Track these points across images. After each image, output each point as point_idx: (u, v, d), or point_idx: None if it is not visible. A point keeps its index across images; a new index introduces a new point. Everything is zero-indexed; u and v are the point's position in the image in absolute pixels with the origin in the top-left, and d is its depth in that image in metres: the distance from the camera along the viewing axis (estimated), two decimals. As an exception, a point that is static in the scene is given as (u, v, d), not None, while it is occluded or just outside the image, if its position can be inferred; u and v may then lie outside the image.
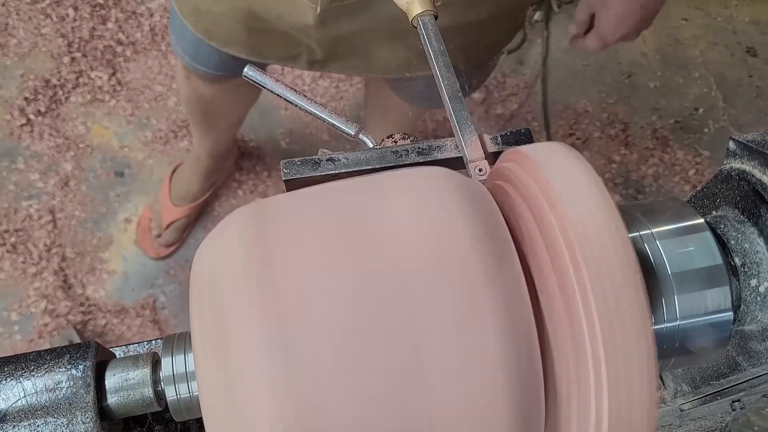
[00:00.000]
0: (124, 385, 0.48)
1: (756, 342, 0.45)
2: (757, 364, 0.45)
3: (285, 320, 0.38)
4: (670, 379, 0.54)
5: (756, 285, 0.43)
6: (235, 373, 0.38)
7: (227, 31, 1.11)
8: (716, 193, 0.47)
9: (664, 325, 0.42)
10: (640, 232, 0.44)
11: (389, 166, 0.52)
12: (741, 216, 0.45)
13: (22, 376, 0.48)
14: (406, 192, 0.42)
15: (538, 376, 0.40)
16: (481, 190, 0.45)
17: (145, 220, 1.96)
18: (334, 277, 0.39)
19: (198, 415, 0.44)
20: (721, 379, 0.48)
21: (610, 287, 0.38)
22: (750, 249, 0.44)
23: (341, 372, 0.38)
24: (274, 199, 0.45)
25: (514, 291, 0.39)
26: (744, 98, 2.31)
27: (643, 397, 0.38)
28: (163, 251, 1.95)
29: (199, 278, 0.43)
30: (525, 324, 0.39)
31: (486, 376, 0.38)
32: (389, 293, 0.38)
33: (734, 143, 0.45)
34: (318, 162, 0.53)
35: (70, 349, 0.49)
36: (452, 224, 0.40)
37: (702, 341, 0.43)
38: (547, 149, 0.44)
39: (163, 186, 1.96)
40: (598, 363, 0.38)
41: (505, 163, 0.46)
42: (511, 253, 0.41)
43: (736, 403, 0.52)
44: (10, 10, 2.17)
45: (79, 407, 0.47)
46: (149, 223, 1.95)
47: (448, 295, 0.38)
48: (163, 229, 1.93)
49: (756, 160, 0.43)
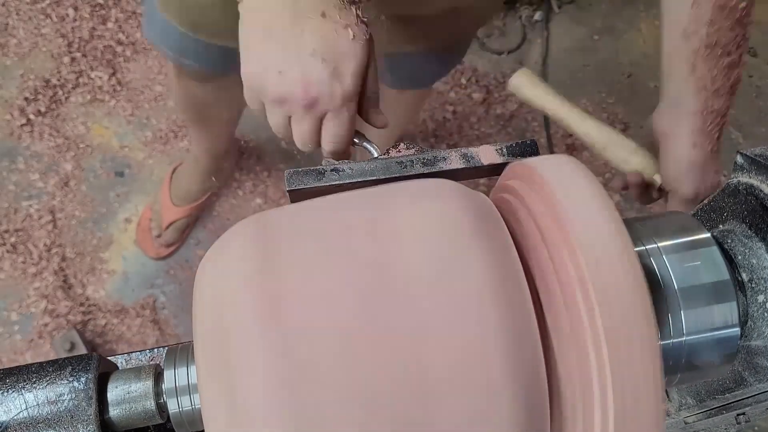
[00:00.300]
0: (126, 398, 0.48)
1: (762, 357, 0.44)
2: (764, 379, 0.44)
3: (289, 340, 0.38)
4: (674, 392, 0.54)
5: (763, 301, 0.43)
6: (238, 394, 0.38)
7: (213, 21, 1.10)
8: (723, 207, 0.47)
9: (670, 341, 0.42)
10: (647, 246, 0.44)
11: (394, 177, 0.52)
12: (748, 231, 0.44)
13: (24, 387, 0.48)
14: (413, 211, 0.42)
15: (543, 397, 0.40)
16: (488, 205, 0.45)
17: (145, 220, 1.96)
18: (338, 299, 0.39)
19: (200, 427, 0.44)
20: (727, 394, 0.48)
21: (616, 304, 0.37)
22: (757, 264, 0.43)
23: (345, 399, 0.37)
24: (276, 214, 0.45)
25: (520, 311, 0.39)
26: (744, 98, 2.31)
27: (649, 415, 0.38)
28: (163, 251, 1.94)
29: (202, 294, 0.43)
30: (531, 343, 0.39)
31: (491, 397, 0.38)
32: (398, 323, 0.38)
33: (741, 157, 0.45)
34: (322, 172, 0.53)
35: (72, 361, 0.49)
36: (462, 251, 0.40)
37: (708, 357, 0.42)
38: (553, 164, 0.43)
39: (163, 186, 1.96)
40: (604, 380, 0.38)
41: (511, 179, 0.45)
42: (518, 273, 0.40)
43: (740, 416, 0.51)
44: (10, 10, 2.17)
45: (81, 420, 0.47)
46: (149, 223, 1.95)
47: (456, 314, 0.38)
48: (163, 229, 1.92)
49: (763, 174, 0.43)
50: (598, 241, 0.38)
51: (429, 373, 0.38)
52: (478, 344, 0.38)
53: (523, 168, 0.44)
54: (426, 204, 0.42)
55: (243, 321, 0.39)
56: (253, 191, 2.05)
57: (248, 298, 0.39)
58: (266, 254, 0.41)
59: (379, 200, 0.44)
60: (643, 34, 2.41)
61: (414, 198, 0.43)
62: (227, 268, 0.42)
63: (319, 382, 0.37)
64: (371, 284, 0.39)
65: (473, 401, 0.38)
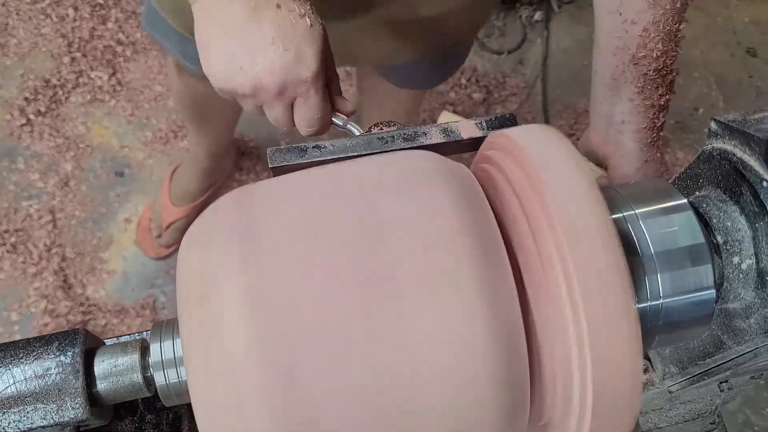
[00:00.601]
0: (113, 371, 0.48)
1: (739, 320, 0.45)
2: (741, 341, 0.45)
3: (265, 282, 0.39)
4: (658, 361, 0.54)
5: (738, 262, 0.43)
6: (218, 347, 0.39)
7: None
8: (699, 174, 0.48)
9: (647, 304, 0.43)
10: (624, 212, 0.44)
11: (375, 152, 0.52)
12: (723, 195, 0.45)
13: (11, 363, 0.48)
14: (393, 173, 0.43)
15: (523, 361, 0.40)
16: (467, 175, 0.45)
17: (145, 220, 1.96)
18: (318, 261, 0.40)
19: (187, 400, 0.44)
20: (707, 359, 0.48)
21: (593, 267, 0.38)
22: (732, 227, 0.44)
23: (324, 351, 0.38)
24: (256, 188, 0.45)
25: (501, 278, 0.40)
26: (744, 98, 2.31)
27: (626, 374, 0.38)
28: (163, 251, 1.95)
29: (187, 264, 0.43)
30: (511, 310, 0.40)
31: (471, 366, 0.39)
32: (376, 288, 0.39)
33: (715, 123, 0.45)
34: (304, 149, 0.53)
35: (59, 336, 0.49)
36: (441, 210, 0.41)
37: (686, 319, 0.43)
38: (530, 132, 0.44)
39: (162, 186, 1.97)
40: (582, 341, 0.38)
41: (491, 148, 0.46)
42: (496, 240, 0.41)
43: (723, 384, 0.52)
44: (10, 10, 2.18)
45: (69, 393, 0.47)
46: (149, 223, 1.95)
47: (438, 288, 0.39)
48: (163, 229, 1.93)
49: (737, 139, 0.43)
50: (574, 207, 0.39)
51: (409, 333, 0.38)
52: (458, 305, 0.38)
53: (502, 138, 0.44)
54: (409, 173, 0.42)
55: (224, 284, 0.39)
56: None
57: (231, 263, 0.40)
58: (248, 223, 0.42)
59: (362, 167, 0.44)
60: (643, 32, 2.41)
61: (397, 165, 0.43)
62: (210, 240, 0.42)
63: (297, 339, 0.38)
64: (352, 242, 0.40)
65: (453, 358, 0.38)
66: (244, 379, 0.38)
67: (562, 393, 0.41)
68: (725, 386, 0.52)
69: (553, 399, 0.42)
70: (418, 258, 0.39)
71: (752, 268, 0.43)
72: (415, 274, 0.38)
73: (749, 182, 0.42)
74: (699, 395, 0.54)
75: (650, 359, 0.55)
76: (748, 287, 0.43)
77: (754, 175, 0.42)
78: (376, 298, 0.38)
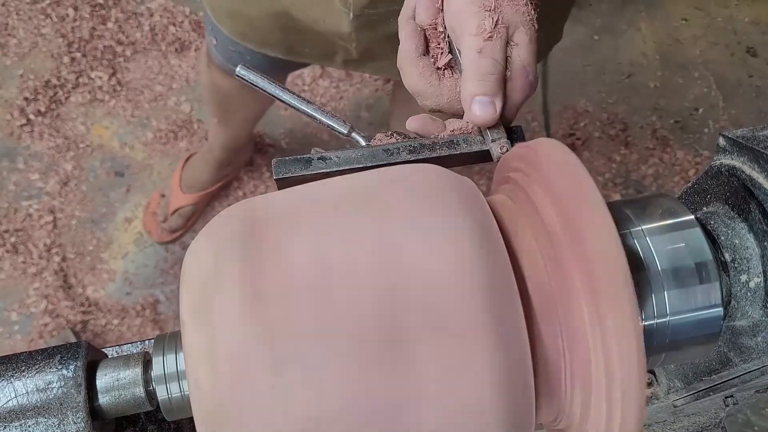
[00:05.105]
0: (115, 385, 0.48)
1: (747, 337, 0.44)
2: (748, 359, 0.44)
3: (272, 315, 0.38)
4: (663, 376, 0.54)
5: (746, 281, 0.43)
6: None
7: (262, 34, 1.12)
8: (706, 190, 0.47)
9: (654, 321, 0.42)
10: (630, 228, 0.44)
11: (380, 164, 0.52)
12: (731, 212, 0.44)
13: (13, 376, 0.48)
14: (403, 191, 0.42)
15: (528, 382, 0.40)
16: (472, 188, 0.45)
17: (154, 203, 1.98)
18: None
19: (189, 414, 0.44)
20: (713, 375, 0.48)
21: (599, 284, 0.37)
22: (740, 245, 0.43)
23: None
24: (263, 200, 0.45)
25: (507, 300, 0.39)
26: (744, 98, 2.30)
27: (632, 394, 0.38)
28: (166, 236, 1.96)
29: (191, 274, 0.43)
30: (518, 339, 0.39)
31: (474, 382, 0.38)
32: (379, 303, 0.38)
33: (724, 139, 0.45)
34: (309, 160, 0.53)
35: (61, 350, 0.49)
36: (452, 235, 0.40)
37: (692, 337, 0.43)
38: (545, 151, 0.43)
39: (175, 172, 1.99)
40: (587, 360, 0.38)
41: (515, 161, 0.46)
42: (506, 265, 0.40)
43: (729, 399, 0.51)
44: (10, 10, 2.18)
45: (71, 407, 0.47)
46: (157, 206, 1.97)
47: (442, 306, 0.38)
48: (169, 214, 1.94)
49: (745, 156, 0.43)
50: (582, 223, 0.38)
51: (407, 315, 0.38)
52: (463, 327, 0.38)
53: (524, 162, 0.44)
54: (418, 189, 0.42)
55: (228, 301, 0.39)
56: (254, 192, 2.05)
57: (233, 277, 0.40)
58: (253, 236, 0.41)
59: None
60: (643, 34, 2.41)
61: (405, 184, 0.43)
62: (214, 249, 0.42)
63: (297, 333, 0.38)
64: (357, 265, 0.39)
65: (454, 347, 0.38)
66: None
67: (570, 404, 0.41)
68: (730, 401, 0.51)
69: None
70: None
71: (760, 286, 0.42)
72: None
73: (758, 200, 0.42)
74: (703, 409, 0.54)
75: (655, 373, 0.54)
76: (755, 305, 0.43)
77: (762, 193, 0.42)
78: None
